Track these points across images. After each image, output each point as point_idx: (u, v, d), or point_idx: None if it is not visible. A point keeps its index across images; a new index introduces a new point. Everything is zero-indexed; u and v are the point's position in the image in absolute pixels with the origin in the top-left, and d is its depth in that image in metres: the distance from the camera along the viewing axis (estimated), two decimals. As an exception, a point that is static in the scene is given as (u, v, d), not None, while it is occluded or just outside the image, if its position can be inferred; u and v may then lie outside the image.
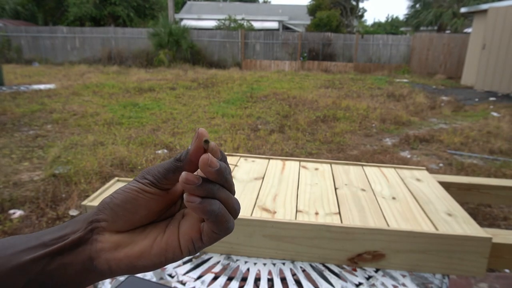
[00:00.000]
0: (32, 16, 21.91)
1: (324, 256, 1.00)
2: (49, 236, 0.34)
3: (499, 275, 2.23)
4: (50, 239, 0.34)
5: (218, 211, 0.33)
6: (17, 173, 3.57)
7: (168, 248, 0.35)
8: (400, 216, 1.09)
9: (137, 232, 0.36)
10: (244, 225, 1.01)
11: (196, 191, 0.32)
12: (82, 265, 0.34)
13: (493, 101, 8.65)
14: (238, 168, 1.47)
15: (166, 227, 0.37)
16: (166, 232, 0.36)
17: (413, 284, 0.93)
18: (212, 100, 7.64)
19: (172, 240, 0.35)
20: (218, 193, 0.33)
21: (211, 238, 0.35)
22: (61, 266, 0.33)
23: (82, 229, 0.35)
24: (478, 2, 17.49)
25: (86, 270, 0.34)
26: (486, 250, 0.96)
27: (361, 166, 1.54)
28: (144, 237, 0.36)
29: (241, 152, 4.32)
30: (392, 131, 5.72)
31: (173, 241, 0.35)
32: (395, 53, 14.98)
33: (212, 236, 0.35)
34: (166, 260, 0.35)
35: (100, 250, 0.34)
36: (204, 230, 0.35)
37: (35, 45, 15.03)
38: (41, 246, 0.34)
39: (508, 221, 2.85)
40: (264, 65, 15.12)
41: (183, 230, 0.36)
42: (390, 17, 40.16)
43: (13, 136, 4.84)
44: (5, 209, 2.81)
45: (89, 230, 0.35)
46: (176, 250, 0.35)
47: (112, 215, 0.35)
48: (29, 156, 4.09)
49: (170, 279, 0.93)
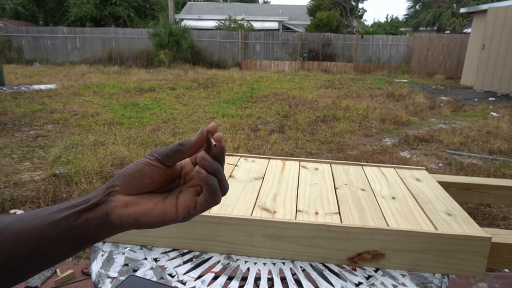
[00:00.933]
0: (32, 16, 21.91)
1: (324, 255, 1.01)
2: (76, 201, 0.46)
3: (498, 275, 2.23)
4: (77, 202, 0.46)
5: (215, 185, 0.45)
6: (18, 173, 3.58)
7: (166, 212, 0.46)
8: (400, 216, 1.09)
9: (143, 197, 0.47)
10: (244, 224, 1.01)
11: (206, 167, 0.44)
12: (100, 219, 0.45)
13: (492, 101, 8.65)
14: (238, 168, 1.47)
15: (165, 197, 0.48)
16: (166, 200, 0.47)
17: (413, 283, 0.94)
18: (212, 100, 7.65)
19: (171, 207, 0.47)
20: (218, 174, 0.45)
21: (203, 207, 0.46)
22: (84, 221, 0.45)
23: (101, 194, 0.46)
24: (478, 2, 17.50)
25: (103, 223, 0.46)
26: (485, 249, 0.96)
27: (361, 166, 1.54)
28: (148, 201, 0.47)
29: (241, 152, 4.32)
30: (392, 131, 5.72)
31: (172, 207, 0.47)
32: (394, 53, 14.99)
33: (204, 205, 0.46)
34: (164, 221, 0.47)
35: (114, 207, 0.46)
36: (198, 201, 0.46)
37: (35, 45, 15.04)
38: (70, 207, 0.45)
39: (507, 221, 2.85)
40: (264, 65, 15.12)
41: (182, 200, 0.47)
42: (389, 17, 40.19)
43: (13, 136, 4.85)
44: (6, 208, 2.81)
45: (106, 194, 0.46)
46: (173, 215, 0.47)
47: (124, 181, 0.46)
48: (30, 156, 4.09)
49: (170, 279, 0.93)
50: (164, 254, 1.04)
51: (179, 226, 1.04)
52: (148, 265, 0.99)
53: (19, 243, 0.43)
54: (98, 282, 0.92)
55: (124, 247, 1.07)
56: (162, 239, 1.06)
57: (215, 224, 1.02)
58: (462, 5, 17.16)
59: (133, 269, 0.97)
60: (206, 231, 1.03)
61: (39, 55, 15.01)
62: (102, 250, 1.05)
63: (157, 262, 1.00)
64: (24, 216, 0.45)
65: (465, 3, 18.29)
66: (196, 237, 1.04)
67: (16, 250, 0.43)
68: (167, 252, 1.05)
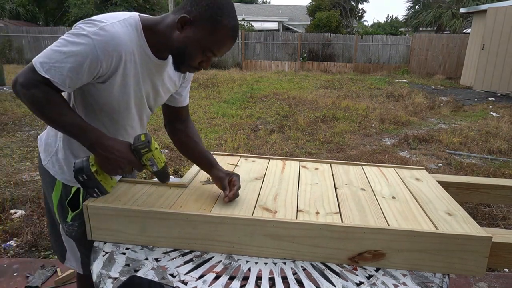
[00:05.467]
0: (33, 16, 21.91)
1: (325, 255, 1.01)
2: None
3: (498, 274, 2.24)
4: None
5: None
6: (18, 173, 3.58)
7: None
8: (400, 215, 1.09)
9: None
10: (245, 224, 1.02)
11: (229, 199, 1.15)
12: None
13: (492, 101, 8.66)
14: (238, 168, 1.48)
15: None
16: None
17: (414, 283, 0.94)
18: (212, 100, 7.65)
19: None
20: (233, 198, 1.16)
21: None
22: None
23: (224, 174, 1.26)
24: (478, 2, 17.51)
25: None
26: (486, 249, 0.96)
27: (361, 166, 1.55)
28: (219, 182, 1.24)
29: (241, 152, 4.32)
30: (392, 131, 5.73)
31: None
32: (394, 54, 14.99)
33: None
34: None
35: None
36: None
37: (36, 45, 15.01)
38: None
39: (507, 221, 2.86)
40: (264, 66, 15.12)
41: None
42: (389, 17, 40.19)
43: (14, 136, 4.85)
44: (6, 208, 2.82)
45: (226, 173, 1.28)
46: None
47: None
48: (30, 156, 4.09)
49: (171, 279, 0.93)
50: (165, 254, 1.04)
51: (180, 226, 1.04)
52: (149, 265, 0.99)
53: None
54: (99, 282, 0.92)
55: (125, 248, 1.07)
56: (163, 239, 1.06)
57: (216, 224, 1.03)
58: (462, 5, 17.17)
59: (134, 269, 0.97)
60: (207, 231, 1.03)
61: (39, 55, 15.00)
62: (103, 250, 1.05)
63: (158, 262, 1.00)
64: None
65: (465, 3, 18.30)
66: (197, 237, 1.04)
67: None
68: (168, 252, 1.05)
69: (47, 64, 0.92)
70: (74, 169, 0.98)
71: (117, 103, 1.07)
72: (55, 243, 1.29)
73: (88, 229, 1.09)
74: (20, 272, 2.10)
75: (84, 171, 0.97)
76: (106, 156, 0.97)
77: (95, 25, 0.94)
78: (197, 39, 0.98)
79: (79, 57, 0.92)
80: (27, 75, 0.93)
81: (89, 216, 1.08)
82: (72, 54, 0.92)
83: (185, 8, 0.99)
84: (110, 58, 0.96)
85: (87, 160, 0.99)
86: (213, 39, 0.99)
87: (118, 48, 0.96)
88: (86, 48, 0.92)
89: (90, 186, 1.00)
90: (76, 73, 0.94)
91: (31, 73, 0.92)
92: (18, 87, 0.94)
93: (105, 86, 1.02)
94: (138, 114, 1.17)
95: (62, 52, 0.92)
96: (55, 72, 0.92)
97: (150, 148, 1.00)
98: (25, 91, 0.93)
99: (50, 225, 1.29)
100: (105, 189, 1.02)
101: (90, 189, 1.01)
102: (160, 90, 1.16)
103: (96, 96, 1.05)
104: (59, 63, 0.92)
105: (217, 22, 0.97)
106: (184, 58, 1.02)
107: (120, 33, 0.96)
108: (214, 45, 1.00)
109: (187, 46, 0.99)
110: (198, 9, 0.97)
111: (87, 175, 0.98)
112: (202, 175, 1.35)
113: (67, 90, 0.98)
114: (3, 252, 2.31)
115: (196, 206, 1.11)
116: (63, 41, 0.94)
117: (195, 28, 0.98)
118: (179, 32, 0.98)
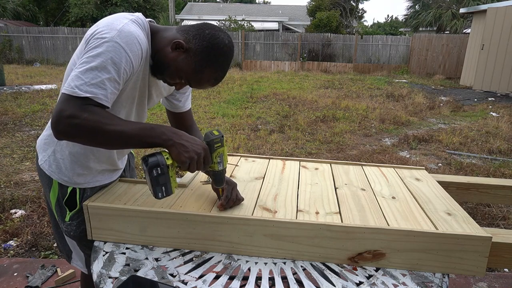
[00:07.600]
0: (33, 16, 21.92)
1: (324, 255, 1.01)
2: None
3: (498, 274, 2.24)
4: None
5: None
6: (19, 173, 3.58)
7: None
8: (400, 215, 1.10)
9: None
10: (245, 224, 1.02)
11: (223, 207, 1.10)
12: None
13: (492, 101, 8.66)
14: (238, 168, 1.48)
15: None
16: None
17: (413, 283, 0.94)
18: (212, 100, 7.65)
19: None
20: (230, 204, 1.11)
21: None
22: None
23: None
24: (478, 2, 17.51)
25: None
26: (486, 249, 0.96)
27: (361, 166, 1.55)
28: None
29: (241, 152, 4.33)
30: (391, 131, 5.73)
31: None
32: (394, 54, 15.00)
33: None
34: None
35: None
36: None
37: (36, 45, 15.03)
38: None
39: (507, 221, 2.86)
40: (264, 66, 15.12)
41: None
42: (389, 17, 40.21)
43: (14, 136, 4.85)
44: (7, 208, 2.82)
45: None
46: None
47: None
48: (31, 156, 4.09)
49: (171, 279, 0.94)
50: (165, 254, 1.04)
51: (180, 226, 1.04)
52: (149, 265, 0.99)
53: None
54: (99, 282, 0.92)
55: (125, 247, 1.07)
56: (163, 239, 1.06)
57: (216, 224, 1.03)
58: (462, 6, 17.17)
59: (134, 269, 0.97)
60: (207, 231, 1.03)
61: (39, 55, 15.01)
62: (103, 250, 1.06)
63: (158, 262, 1.01)
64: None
65: (465, 3, 18.30)
66: (197, 237, 1.04)
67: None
68: (168, 252, 1.05)
69: (83, 86, 0.87)
70: (150, 163, 0.93)
71: (123, 104, 1.08)
72: (60, 243, 1.30)
73: (88, 229, 1.09)
74: (20, 272, 2.10)
75: (160, 164, 0.93)
76: (182, 144, 0.94)
77: (112, 29, 0.92)
78: (181, 67, 1.00)
79: (113, 64, 0.90)
80: (68, 106, 0.86)
81: (89, 216, 1.08)
82: (104, 65, 0.88)
83: (188, 34, 1.00)
84: (138, 57, 0.95)
85: (160, 153, 0.95)
86: (194, 76, 1.01)
87: (141, 46, 0.96)
88: (116, 53, 0.90)
89: (160, 183, 0.95)
90: (116, 82, 0.91)
91: (72, 101, 0.87)
92: (66, 121, 0.86)
93: (124, 86, 1.02)
94: (138, 115, 1.18)
95: (92, 69, 0.88)
96: (96, 89, 0.88)
97: (223, 143, 1.00)
98: (78, 121, 0.86)
99: (53, 226, 1.29)
100: (171, 188, 0.97)
101: (159, 186, 0.95)
102: (153, 94, 1.18)
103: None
104: (95, 79, 0.88)
105: (205, 66, 0.99)
106: (163, 73, 1.04)
107: (137, 32, 0.96)
108: (192, 80, 1.03)
109: (170, 66, 1.01)
110: (196, 43, 0.98)
111: (161, 169, 0.93)
112: (202, 175, 1.35)
113: (109, 105, 0.93)
114: (3, 252, 2.31)
115: (196, 206, 1.11)
116: (86, 59, 0.89)
117: (185, 57, 0.99)
118: (171, 51, 1.00)
